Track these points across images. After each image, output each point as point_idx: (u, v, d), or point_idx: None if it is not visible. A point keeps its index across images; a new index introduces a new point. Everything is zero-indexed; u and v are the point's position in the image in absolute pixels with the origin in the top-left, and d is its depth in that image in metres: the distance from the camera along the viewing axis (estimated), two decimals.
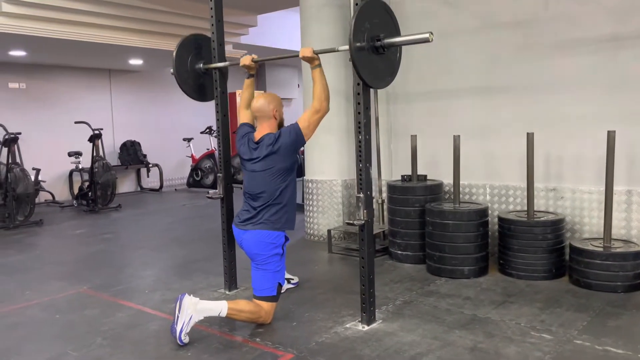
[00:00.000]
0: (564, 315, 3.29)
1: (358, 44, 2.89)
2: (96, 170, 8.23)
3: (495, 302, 3.56)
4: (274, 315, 3.30)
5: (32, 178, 8.44)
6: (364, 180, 3.12)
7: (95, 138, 8.47)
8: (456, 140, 4.25)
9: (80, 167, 8.82)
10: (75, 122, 8.65)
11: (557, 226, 4.01)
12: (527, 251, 3.99)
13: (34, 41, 7.05)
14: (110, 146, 10.24)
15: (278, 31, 9.63)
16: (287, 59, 5.60)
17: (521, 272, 4.02)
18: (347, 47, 2.94)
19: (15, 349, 3.05)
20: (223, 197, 3.88)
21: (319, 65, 3.26)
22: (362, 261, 3.19)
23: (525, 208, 4.21)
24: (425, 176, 4.78)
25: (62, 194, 9.48)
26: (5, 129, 7.48)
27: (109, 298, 3.92)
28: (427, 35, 2.86)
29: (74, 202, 8.73)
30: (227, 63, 3.80)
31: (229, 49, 8.93)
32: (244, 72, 3.66)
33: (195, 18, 7.86)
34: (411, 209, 4.50)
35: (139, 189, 10.74)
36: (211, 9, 3.80)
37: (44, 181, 8.93)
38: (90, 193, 8.34)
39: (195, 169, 10.47)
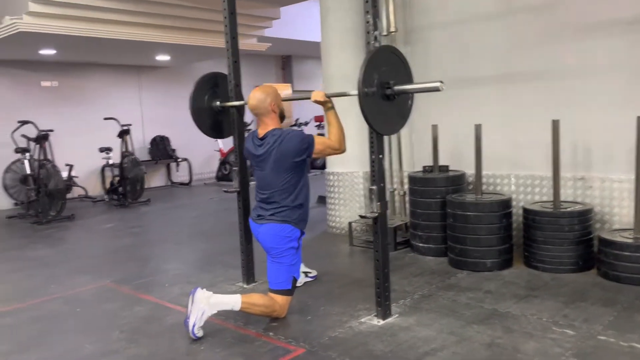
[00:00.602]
0: (589, 309, 3.16)
1: (366, 91, 2.82)
2: (125, 165, 8.37)
3: (518, 296, 3.44)
4: (289, 309, 3.27)
5: (66, 174, 8.71)
6: (377, 172, 3.06)
7: (124, 134, 8.61)
8: (478, 129, 4.12)
9: (110, 162, 8.98)
10: (105, 119, 8.82)
11: (584, 217, 3.85)
12: (552, 243, 3.85)
13: (62, 40, 7.20)
14: (141, 141, 10.41)
15: (302, 23, 9.58)
16: (313, 50, 5.62)
17: (547, 265, 3.88)
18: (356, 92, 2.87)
19: (35, 341, 3.12)
20: (239, 191, 3.87)
21: (332, 107, 3.22)
22: (377, 254, 3.13)
23: (552, 198, 4.05)
24: (447, 167, 4.67)
25: (95, 188, 9.68)
26: (36, 127, 7.67)
27: (129, 292, 3.97)
28: (437, 84, 2.82)
29: (105, 196, 8.91)
30: (242, 102, 3.80)
31: (252, 42, 8.94)
32: (271, 64, 3.55)
33: (220, 12, 7.88)
34: (432, 201, 4.40)
35: (169, 183, 10.90)
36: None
37: (76, 177, 9.16)
38: (120, 188, 8.49)
39: (223, 162, 10.55)
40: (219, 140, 10.70)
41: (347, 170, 5.39)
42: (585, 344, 2.71)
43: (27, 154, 7.67)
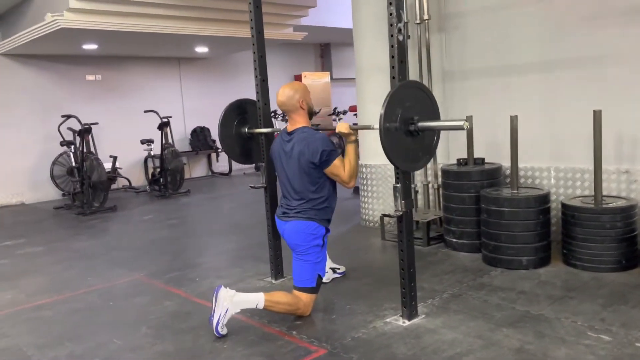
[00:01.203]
0: (628, 313, 2.99)
1: (388, 126, 2.71)
2: (165, 157, 8.53)
3: (553, 297, 3.29)
4: (314, 307, 3.25)
5: (110, 165, 8.97)
6: (401, 170, 2.97)
7: (163, 126, 8.76)
8: (514, 121, 3.95)
9: (152, 154, 9.17)
10: (145, 111, 8.99)
11: (627, 213, 3.65)
12: (593, 240, 3.66)
13: (102, 34, 7.36)
14: (182, 132, 10.59)
15: (339, 10, 9.44)
16: (351, 37, 5.54)
17: (586, 264, 3.70)
18: None
19: (69, 334, 3.21)
20: (266, 187, 3.86)
21: (355, 141, 3.18)
22: (402, 254, 3.05)
23: (594, 193, 3.85)
24: (483, 159, 4.50)
25: (139, 179, 9.94)
26: (79, 121, 7.90)
27: (160, 285, 4.03)
28: (461, 123, 2.69)
29: (147, 187, 9.12)
30: (271, 129, 3.78)
31: (289, 32, 8.89)
32: (310, 52, 3.45)
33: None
34: (466, 195, 4.26)
35: (209, 173, 11.06)
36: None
37: (120, 168, 9.41)
38: (161, 179, 8.66)
39: None
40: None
41: (380, 163, 5.29)
42: (622, 351, 2.56)
43: (72, 147, 7.91)
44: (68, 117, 8.03)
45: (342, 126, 3.17)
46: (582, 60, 4.11)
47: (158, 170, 8.77)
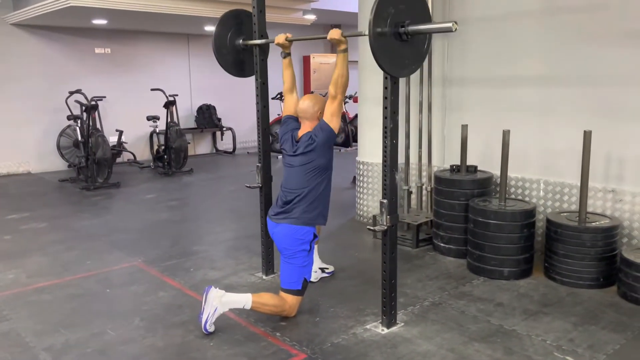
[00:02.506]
0: (597, 334, 3.13)
1: (378, 30, 2.74)
2: (170, 135, 8.65)
3: (528, 311, 3.44)
4: (300, 307, 3.40)
5: (116, 139, 9.12)
6: (388, 186, 3.08)
7: (169, 105, 8.86)
8: (506, 135, 4.04)
9: (157, 130, 9.28)
10: (151, 89, 9.06)
11: (609, 233, 3.76)
12: (573, 257, 3.78)
13: (112, 12, 7.41)
14: (188, 109, 10.68)
15: None
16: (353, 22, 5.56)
17: (565, 278, 3.83)
18: None
19: (65, 321, 3.39)
20: (261, 187, 3.98)
21: (345, 50, 3.23)
22: (384, 266, 3.18)
23: (579, 210, 3.96)
24: (476, 167, 4.60)
25: (144, 154, 10.08)
26: (85, 97, 8.00)
27: (156, 274, 4.20)
28: (450, 24, 2.69)
29: (152, 164, 9.27)
30: (265, 40, 3.81)
31: (298, 16, 8.89)
32: (320, 34, 3.50)
33: None
34: (456, 203, 4.37)
35: (214, 151, 11.19)
36: (253, 9, 3.81)
37: (126, 142, 9.58)
38: (165, 156, 8.80)
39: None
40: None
41: (376, 161, 5.40)
42: None
43: (79, 121, 8.03)
44: (75, 92, 8.13)
45: (334, 32, 3.22)
46: (578, 77, 4.17)
47: (162, 147, 8.90)
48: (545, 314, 3.40)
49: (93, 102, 7.96)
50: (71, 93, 8.32)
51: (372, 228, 3.11)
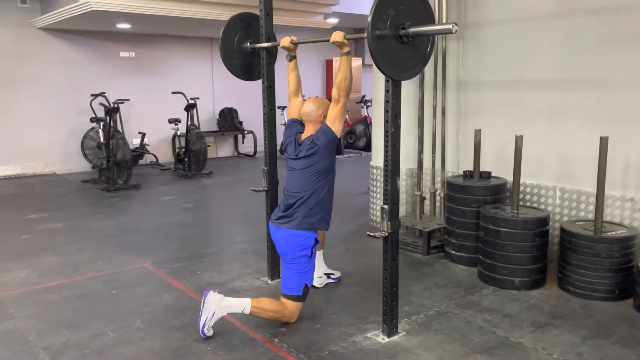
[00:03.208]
0: (607, 349, 2.99)
1: (377, 32, 2.66)
2: (190, 138, 8.72)
3: (536, 323, 3.31)
4: (301, 313, 3.36)
5: (138, 141, 9.25)
6: (389, 191, 3.01)
7: (190, 107, 8.93)
8: (518, 141, 3.92)
9: (178, 133, 9.38)
10: (172, 93, 9.16)
11: (625, 243, 3.60)
12: (587, 268, 3.64)
13: (134, 16, 7.51)
14: (210, 112, 10.77)
15: None
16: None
17: (579, 290, 3.69)
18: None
19: (68, 321, 3.41)
20: (267, 190, 3.95)
21: (349, 52, 3.18)
22: (385, 273, 3.12)
23: (594, 219, 3.81)
24: (489, 173, 4.49)
25: (167, 156, 10.19)
26: (107, 100, 8.13)
27: (163, 276, 4.21)
28: (450, 26, 2.61)
29: (172, 166, 9.36)
30: (271, 43, 3.78)
31: (319, 20, 8.87)
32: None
33: None
34: (468, 210, 4.27)
35: (235, 154, 11.24)
36: (260, 12, 3.79)
37: (148, 144, 9.70)
38: (185, 159, 8.88)
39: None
40: (285, 114, 10.84)
41: None
42: None
43: (101, 124, 8.16)
44: (98, 95, 8.27)
45: (336, 35, 3.16)
46: (596, 81, 4.03)
47: (183, 150, 8.98)
48: (555, 326, 3.28)
49: (114, 105, 8.05)
50: (95, 96, 8.46)
51: (372, 234, 3.04)
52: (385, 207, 3.01)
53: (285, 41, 3.55)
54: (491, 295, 3.76)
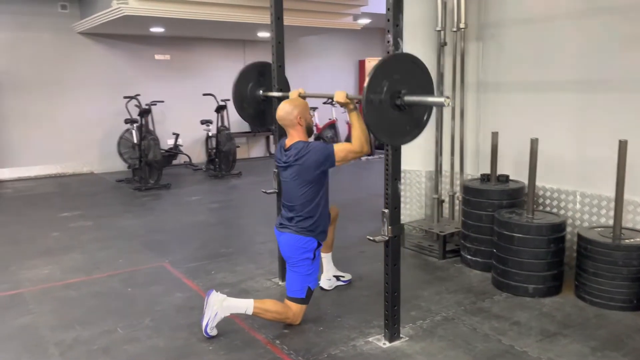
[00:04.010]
0: None
1: (373, 106, 2.66)
2: (220, 139, 8.87)
3: (545, 332, 3.22)
4: (306, 315, 3.37)
5: (172, 142, 9.48)
6: (390, 195, 2.99)
7: (220, 109, 9.08)
8: (534, 144, 3.81)
9: (210, 134, 9.55)
10: (203, 95, 9.33)
11: None
12: (603, 276, 3.51)
13: (167, 20, 7.71)
14: None
15: None
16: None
17: (595, 299, 3.56)
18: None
19: (82, 318, 3.54)
20: (278, 192, 3.98)
21: (355, 109, 3.18)
22: (387, 277, 3.09)
23: (613, 226, 3.67)
24: (507, 177, 4.38)
25: (200, 156, 10.39)
26: (138, 102, 8.36)
27: (178, 275, 4.31)
28: (442, 99, 2.62)
29: (203, 166, 9.54)
30: (281, 93, 3.85)
31: (348, 21, 8.86)
32: (376, 37, 3.35)
33: None
34: (483, 214, 4.18)
35: (267, 154, 11.36)
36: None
37: (181, 145, 9.92)
38: (216, 159, 9.04)
39: (318, 137, 10.71)
40: (315, 115, 10.88)
41: (409, 168, 5.27)
42: None
43: (134, 125, 8.41)
44: (132, 97, 8.51)
45: (339, 95, 3.17)
46: (621, 82, 3.87)
47: (214, 150, 9.14)
48: (564, 335, 3.17)
49: (146, 107, 8.27)
50: (130, 98, 8.71)
51: (372, 238, 3.02)
52: (386, 211, 2.99)
53: (293, 94, 3.55)
54: (503, 302, 3.67)
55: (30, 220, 6.24)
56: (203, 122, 9.51)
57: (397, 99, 2.72)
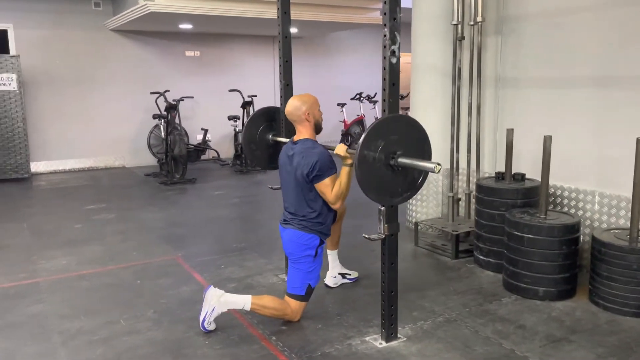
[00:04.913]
0: None
1: (365, 157, 2.67)
2: None
3: (551, 337, 3.10)
4: (307, 313, 3.36)
5: (201, 137, 9.61)
6: None
7: (246, 105, 9.14)
8: (547, 141, 3.67)
9: (237, 130, 9.63)
10: (229, 90, 9.41)
11: None
12: (617, 280, 3.35)
13: (193, 17, 7.81)
14: None
15: None
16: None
17: (608, 304, 3.41)
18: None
19: (89, 309, 3.62)
20: None
21: (351, 164, 3.13)
22: (383, 276, 3.04)
23: (630, 228, 3.50)
24: (523, 175, 4.24)
25: (229, 152, 10.50)
26: (165, 99, 8.50)
27: (188, 269, 4.36)
28: (432, 165, 2.61)
29: (230, 162, 9.64)
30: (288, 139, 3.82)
31: (375, 16, 8.76)
32: (405, 32, 3.26)
33: None
34: (496, 213, 4.06)
35: None
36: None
37: (210, 140, 10.05)
38: (242, 155, 9.10)
39: (345, 134, 10.67)
40: (344, 112, 10.83)
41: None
42: None
43: (162, 120, 8.56)
44: (161, 94, 8.66)
45: (339, 148, 3.18)
46: None
47: (240, 146, 9.21)
48: (570, 341, 3.05)
49: (172, 102, 8.40)
50: (159, 94, 8.87)
51: (367, 236, 2.97)
52: (382, 208, 2.93)
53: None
54: (511, 305, 3.56)
55: (57, 211, 6.44)
56: (230, 118, 9.59)
57: (391, 159, 2.73)
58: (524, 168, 4.38)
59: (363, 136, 2.69)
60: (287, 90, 3.92)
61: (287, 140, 3.82)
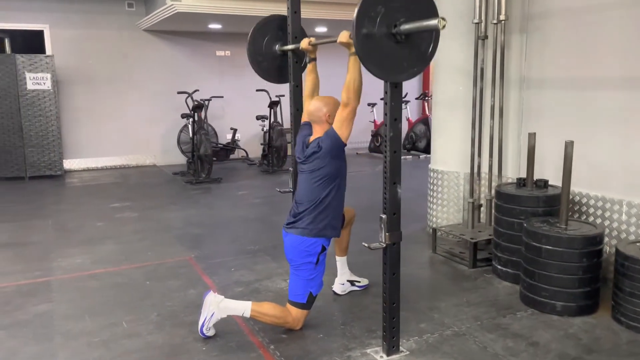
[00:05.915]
0: None
1: (364, 31, 2.47)
2: (272, 135, 8.90)
3: (564, 356, 2.90)
4: (308, 320, 3.28)
5: (230, 137, 9.64)
6: (388, 200, 2.80)
7: (273, 105, 9.10)
8: (568, 146, 3.45)
9: (264, 129, 9.61)
10: (257, 90, 9.38)
11: None
12: None
13: (222, 16, 7.82)
14: None
15: None
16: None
17: (631, 322, 3.18)
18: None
19: (94, 309, 3.62)
20: (294, 191, 3.88)
21: (355, 53, 2.97)
22: (384, 287, 2.91)
23: None
24: (546, 182, 4.02)
25: (258, 151, 10.48)
26: (192, 99, 8.55)
27: (198, 271, 4.32)
28: (435, 22, 2.35)
29: (257, 161, 9.63)
30: (295, 45, 3.73)
31: None
32: None
33: None
34: (515, 221, 3.86)
35: None
36: (288, 9, 3.75)
37: (238, 140, 10.07)
38: (268, 155, 9.08)
39: (376, 134, 10.51)
40: (374, 112, 10.67)
41: (448, 169, 4.99)
42: None
43: (190, 120, 8.61)
44: (189, 94, 8.71)
45: (342, 36, 2.99)
46: None
47: (267, 146, 9.19)
48: None
49: (199, 102, 8.44)
50: (187, 94, 8.92)
51: (367, 245, 2.85)
52: (384, 216, 2.81)
53: (303, 43, 3.48)
54: (526, 319, 3.37)
55: (83, 209, 6.54)
56: (258, 118, 9.58)
57: (393, 28, 2.52)
58: (548, 174, 4.16)
59: (359, 3, 2.46)
60: (296, 93, 3.83)
61: (292, 47, 3.75)
